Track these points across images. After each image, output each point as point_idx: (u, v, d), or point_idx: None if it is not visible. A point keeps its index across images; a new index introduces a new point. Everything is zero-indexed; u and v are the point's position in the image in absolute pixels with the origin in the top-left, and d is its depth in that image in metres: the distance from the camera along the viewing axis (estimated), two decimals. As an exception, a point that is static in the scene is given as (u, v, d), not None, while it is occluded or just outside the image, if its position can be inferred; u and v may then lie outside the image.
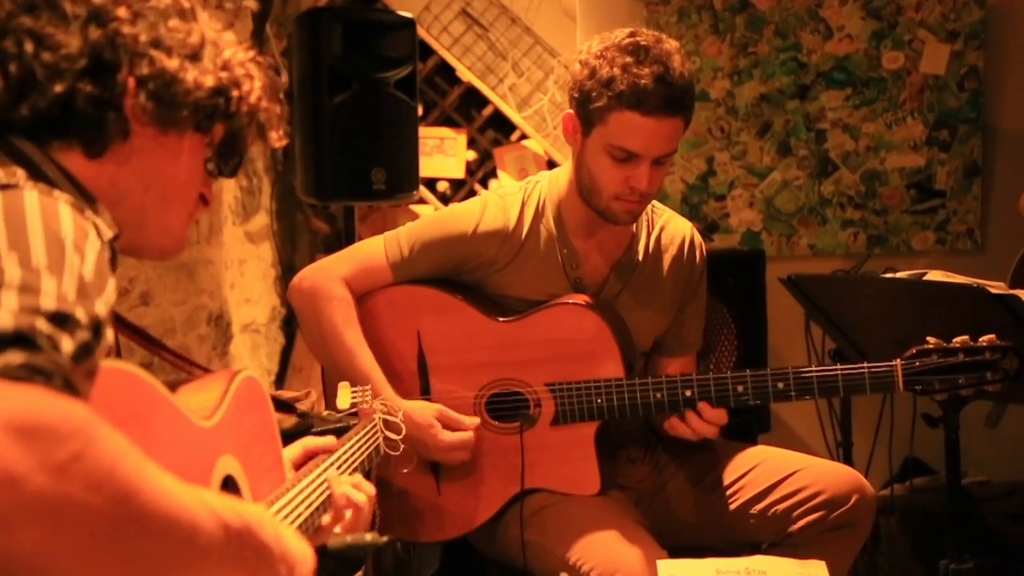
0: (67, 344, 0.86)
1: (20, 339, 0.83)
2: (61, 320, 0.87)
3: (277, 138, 1.31)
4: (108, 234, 1.14)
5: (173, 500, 0.86)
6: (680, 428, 2.15)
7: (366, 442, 1.70)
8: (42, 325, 0.85)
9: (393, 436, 1.82)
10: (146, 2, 1.18)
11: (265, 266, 4.06)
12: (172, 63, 1.17)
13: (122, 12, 1.16)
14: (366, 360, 2.17)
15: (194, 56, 1.19)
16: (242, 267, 3.85)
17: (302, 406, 1.81)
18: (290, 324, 4.14)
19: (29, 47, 1.11)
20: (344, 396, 1.84)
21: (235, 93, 1.22)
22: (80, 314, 0.89)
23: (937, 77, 3.63)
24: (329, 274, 2.23)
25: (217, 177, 1.30)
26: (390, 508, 2.25)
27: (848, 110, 3.66)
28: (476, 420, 2.20)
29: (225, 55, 1.23)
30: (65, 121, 1.13)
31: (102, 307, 0.94)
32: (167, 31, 1.18)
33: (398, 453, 1.83)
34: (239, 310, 3.79)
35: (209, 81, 1.19)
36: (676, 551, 2.04)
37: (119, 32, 1.14)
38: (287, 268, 4.09)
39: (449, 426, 2.18)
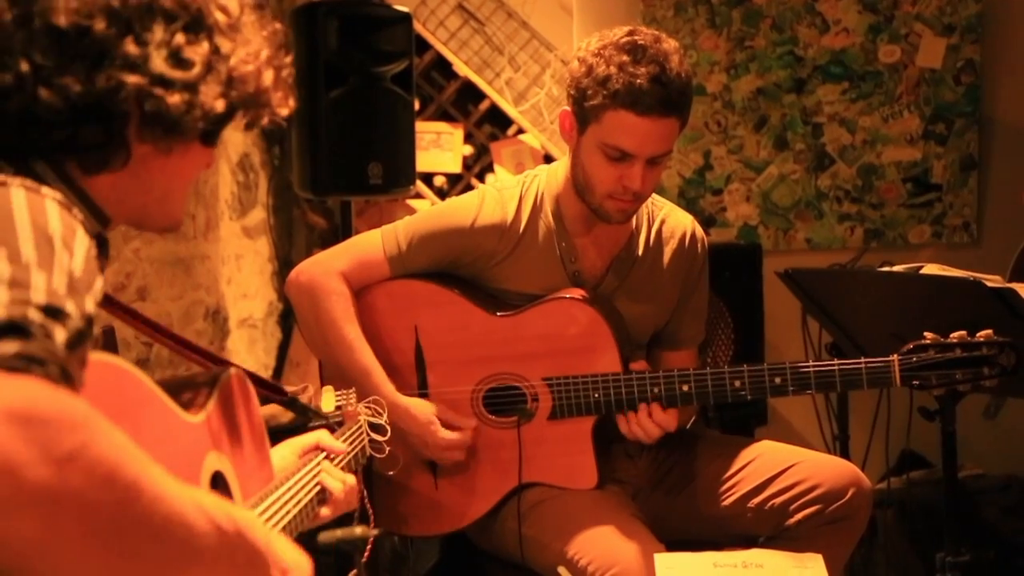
0: (60, 333, 0.85)
1: (13, 328, 0.82)
2: (52, 312, 0.86)
3: (286, 108, 1.25)
4: (97, 228, 1.13)
5: (174, 501, 0.86)
6: (630, 426, 2.14)
7: (352, 443, 1.71)
8: (34, 315, 0.84)
9: (378, 438, 1.83)
10: (152, 20, 1.09)
11: (262, 261, 4.05)
12: (177, 99, 1.10)
13: (130, 47, 1.07)
14: (365, 355, 2.17)
15: (199, 80, 1.12)
16: (239, 262, 3.85)
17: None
18: (287, 319, 4.13)
19: (24, 68, 1.03)
20: (328, 399, 1.84)
21: (243, 106, 1.18)
22: (70, 308, 0.88)
23: (934, 71, 3.63)
24: (327, 268, 2.23)
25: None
26: (388, 502, 2.25)
27: (845, 104, 3.66)
28: (473, 421, 2.20)
29: (231, 63, 1.15)
30: (64, 151, 1.09)
31: (91, 303, 0.93)
32: (172, 61, 1.10)
33: (383, 455, 1.83)
34: (236, 305, 3.79)
35: (218, 107, 1.13)
36: (673, 545, 2.04)
37: (124, 82, 1.06)
38: (284, 263, 4.08)
39: (447, 425, 2.18)
